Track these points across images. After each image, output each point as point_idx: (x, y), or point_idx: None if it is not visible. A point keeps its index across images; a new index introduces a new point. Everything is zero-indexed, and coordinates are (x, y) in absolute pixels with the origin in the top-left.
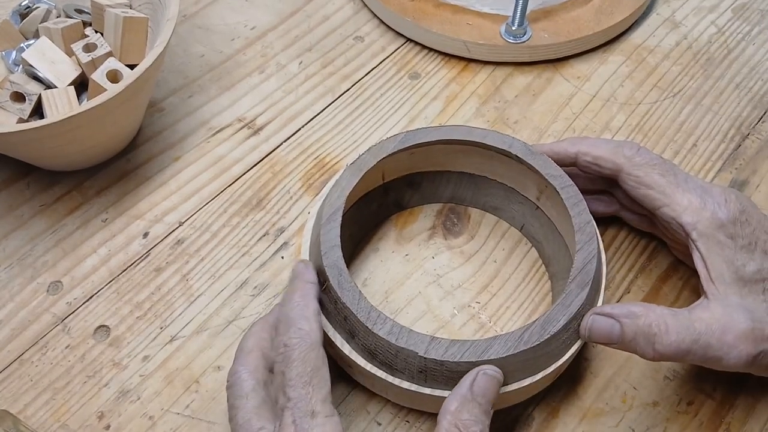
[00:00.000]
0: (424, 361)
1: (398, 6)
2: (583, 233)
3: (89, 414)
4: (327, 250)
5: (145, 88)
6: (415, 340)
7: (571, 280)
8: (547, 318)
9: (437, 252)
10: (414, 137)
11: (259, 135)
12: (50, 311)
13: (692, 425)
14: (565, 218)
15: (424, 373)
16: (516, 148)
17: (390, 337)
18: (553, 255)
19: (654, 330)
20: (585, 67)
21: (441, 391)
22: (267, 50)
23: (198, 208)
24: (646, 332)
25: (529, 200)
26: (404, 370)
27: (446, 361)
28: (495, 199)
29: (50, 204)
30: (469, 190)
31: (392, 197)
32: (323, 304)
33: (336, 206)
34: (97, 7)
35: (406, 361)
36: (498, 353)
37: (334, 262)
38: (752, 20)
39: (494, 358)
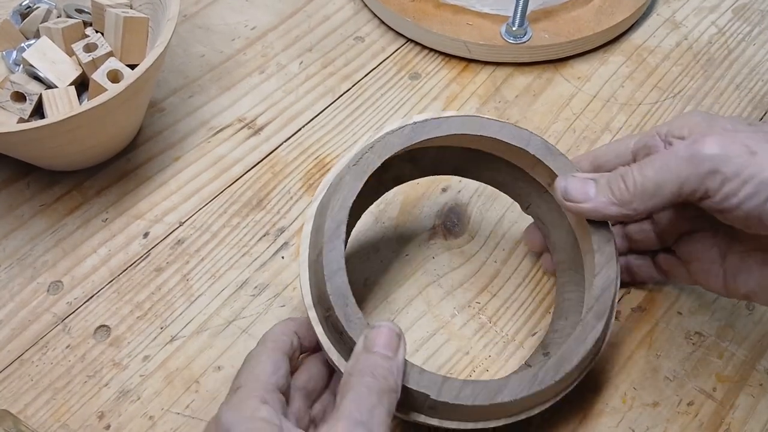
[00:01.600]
0: (435, 403)
1: (398, 6)
2: (603, 254)
3: (89, 414)
4: (331, 275)
5: (146, 88)
6: (426, 382)
7: (588, 310)
8: (561, 356)
9: (437, 252)
10: (422, 131)
11: (260, 135)
12: (50, 311)
13: (692, 425)
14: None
15: (435, 410)
16: (534, 147)
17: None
18: (559, 243)
19: (622, 171)
20: (585, 68)
21: (450, 422)
22: (267, 50)
23: (198, 208)
24: (614, 175)
25: (538, 182)
26: (413, 407)
27: (459, 405)
28: (501, 175)
29: (50, 204)
30: (474, 163)
31: (391, 173)
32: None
33: (338, 220)
34: (97, 7)
35: (417, 400)
36: (512, 395)
37: (339, 289)
38: (753, 21)
39: (507, 400)
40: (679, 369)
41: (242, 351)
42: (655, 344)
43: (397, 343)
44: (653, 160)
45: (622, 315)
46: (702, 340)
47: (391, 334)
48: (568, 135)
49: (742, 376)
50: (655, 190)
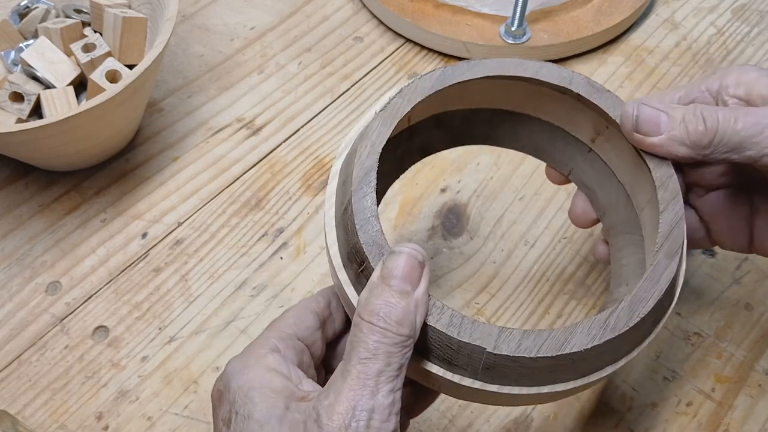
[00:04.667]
0: (493, 357)
1: (398, 6)
2: (667, 190)
3: (88, 414)
4: (362, 223)
5: (144, 88)
6: (481, 334)
7: (658, 249)
8: (635, 297)
9: (437, 252)
10: (453, 74)
11: (259, 135)
12: (49, 311)
13: (691, 426)
14: (630, 165)
15: (491, 370)
16: (577, 84)
17: (450, 330)
18: (609, 204)
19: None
20: (584, 68)
21: (510, 388)
22: (266, 50)
23: (197, 209)
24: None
25: (580, 141)
26: (467, 367)
27: (520, 357)
28: (538, 140)
29: (49, 204)
30: (507, 129)
31: (417, 142)
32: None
33: (367, 167)
34: (96, 7)
35: (470, 357)
36: (581, 344)
37: (373, 238)
38: (751, 21)
39: (577, 351)
40: (678, 369)
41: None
42: (654, 344)
43: (418, 273)
44: (745, 115)
45: None
46: (701, 341)
47: (413, 263)
48: None
49: (741, 376)
50: (736, 146)
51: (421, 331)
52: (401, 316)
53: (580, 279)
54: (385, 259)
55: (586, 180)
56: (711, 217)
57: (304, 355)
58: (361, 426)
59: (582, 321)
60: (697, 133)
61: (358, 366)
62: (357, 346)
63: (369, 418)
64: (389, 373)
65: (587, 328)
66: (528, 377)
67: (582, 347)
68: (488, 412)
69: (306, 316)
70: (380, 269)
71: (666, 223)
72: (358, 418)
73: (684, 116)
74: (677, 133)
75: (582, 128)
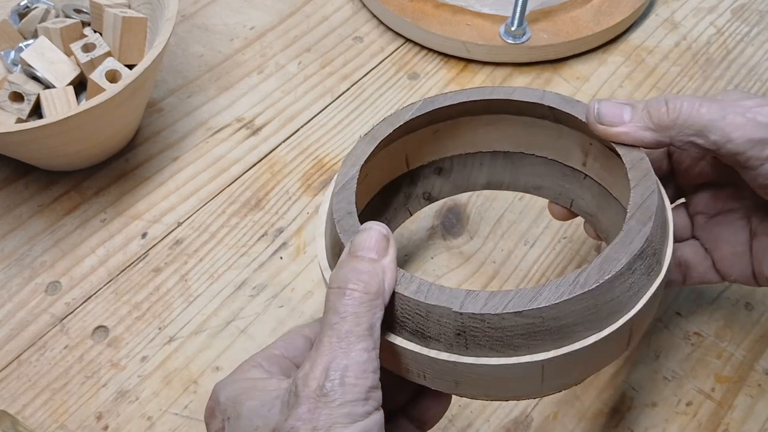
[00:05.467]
0: (461, 317)
1: (397, 6)
2: (637, 169)
3: (87, 414)
4: (341, 218)
5: (144, 88)
6: (447, 296)
7: (630, 217)
8: (605, 257)
9: (436, 252)
10: (433, 102)
11: (258, 135)
12: (48, 311)
13: (691, 426)
14: (617, 174)
15: (463, 336)
16: (549, 99)
17: (418, 296)
18: (610, 225)
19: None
20: (584, 68)
21: (486, 359)
22: (266, 50)
23: (197, 209)
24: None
25: (575, 170)
26: (439, 337)
27: (486, 315)
28: (536, 178)
29: (49, 204)
30: (506, 171)
31: (420, 188)
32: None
33: (350, 174)
34: (96, 7)
35: (440, 323)
36: (549, 299)
37: (351, 227)
38: (751, 21)
39: (545, 306)
40: (677, 369)
41: (241, 351)
42: (654, 344)
43: (384, 244)
44: (711, 102)
45: None
46: (701, 341)
47: (378, 236)
48: None
49: (741, 376)
50: (699, 130)
51: (391, 304)
52: (368, 278)
53: None
54: (352, 238)
55: (587, 208)
56: (713, 244)
57: (291, 371)
58: (335, 384)
59: (551, 281)
60: (659, 115)
61: (328, 332)
62: (327, 314)
63: (343, 375)
64: (359, 332)
65: (556, 285)
66: (501, 342)
67: (550, 302)
68: (488, 412)
69: (295, 338)
70: (348, 246)
71: (638, 194)
72: (332, 377)
73: (647, 104)
74: (640, 119)
75: (573, 154)
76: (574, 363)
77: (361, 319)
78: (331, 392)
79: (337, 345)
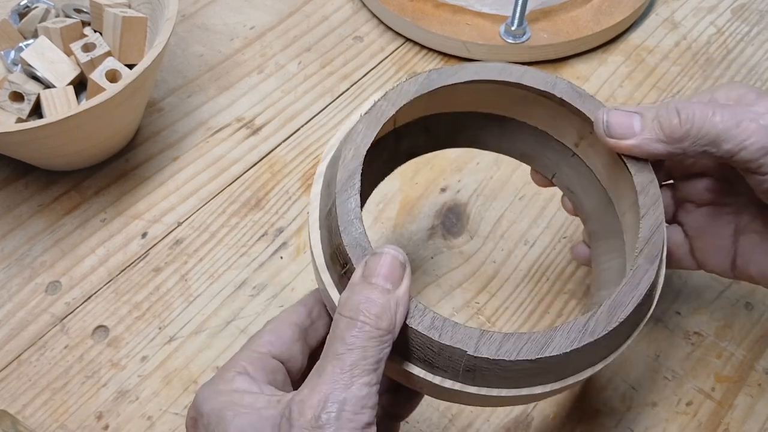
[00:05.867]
0: (474, 360)
1: (397, 6)
2: (647, 195)
3: (88, 414)
4: (346, 225)
5: (144, 88)
6: (462, 336)
7: (638, 254)
8: (614, 302)
9: (436, 252)
10: (439, 78)
11: (258, 135)
12: (49, 311)
13: (691, 425)
14: (612, 170)
15: (472, 372)
16: (560, 89)
17: (432, 333)
18: (592, 209)
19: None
20: (584, 68)
21: (489, 389)
22: (266, 50)
23: (197, 208)
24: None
25: (564, 146)
26: (447, 369)
27: (500, 360)
28: (523, 145)
29: (49, 204)
30: (493, 134)
31: (405, 145)
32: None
33: (352, 169)
34: (96, 7)
35: (451, 360)
36: (561, 348)
37: (356, 240)
38: (751, 21)
39: (556, 354)
40: (678, 369)
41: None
42: (654, 344)
43: (400, 273)
44: (723, 109)
45: None
46: (701, 340)
47: (395, 263)
48: None
49: (741, 376)
50: (713, 139)
51: (403, 333)
52: (380, 311)
53: (580, 278)
54: (367, 260)
55: (569, 184)
56: (696, 232)
57: (278, 374)
58: (331, 418)
59: (562, 325)
60: (671, 126)
61: (333, 361)
62: (334, 342)
63: (340, 409)
64: (364, 366)
65: (567, 331)
66: (508, 380)
67: (561, 351)
68: (488, 412)
69: (283, 330)
70: (362, 269)
71: (647, 227)
72: (329, 410)
73: (657, 113)
74: (651, 131)
75: (566, 133)
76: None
77: (368, 353)
78: (326, 425)
79: (339, 376)
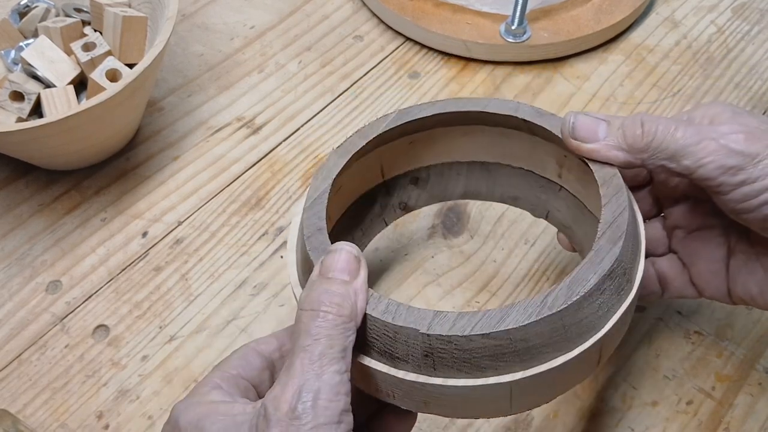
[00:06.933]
0: (428, 339)
1: (397, 5)
2: (609, 186)
3: (88, 413)
4: (310, 234)
5: (144, 88)
6: (415, 317)
7: (600, 236)
8: (574, 278)
9: (436, 251)
10: (407, 114)
11: (258, 134)
12: (49, 311)
13: (691, 424)
14: (591, 188)
15: (431, 357)
16: (523, 112)
17: (386, 317)
18: (585, 238)
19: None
20: (584, 67)
21: (454, 380)
22: (266, 49)
23: (197, 208)
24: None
25: (550, 182)
26: (407, 358)
27: (454, 337)
28: (513, 189)
29: (49, 203)
30: (483, 181)
31: (396, 198)
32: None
33: (321, 189)
34: (96, 6)
35: (407, 344)
36: (517, 321)
37: (322, 244)
38: (752, 19)
39: (513, 328)
40: (678, 368)
41: None
42: (655, 343)
43: (356, 266)
44: (686, 125)
45: None
46: (701, 340)
47: (349, 257)
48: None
49: (741, 375)
50: (672, 154)
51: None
52: (341, 300)
53: None
54: (322, 258)
55: (562, 219)
56: (691, 258)
57: (249, 393)
58: (307, 407)
59: (520, 301)
60: (634, 136)
61: (300, 354)
62: (299, 336)
63: (315, 398)
64: (332, 354)
65: (524, 306)
66: (469, 363)
67: (518, 324)
68: None
69: (251, 357)
70: (319, 267)
71: (609, 212)
72: (304, 399)
73: (623, 122)
74: (614, 138)
75: (548, 166)
76: (542, 383)
77: (335, 342)
78: (303, 414)
79: (309, 367)
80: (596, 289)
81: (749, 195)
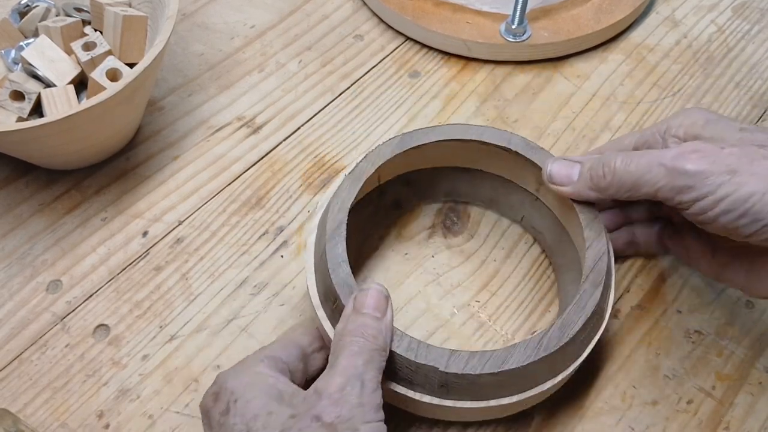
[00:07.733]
0: (445, 375)
1: (398, 4)
2: (592, 229)
3: (89, 413)
4: (334, 267)
5: (145, 87)
6: (434, 356)
7: (584, 280)
8: (564, 321)
9: (437, 251)
10: (411, 140)
11: (259, 134)
12: (49, 310)
13: (692, 424)
14: (568, 211)
15: (446, 387)
16: (515, 144)
17: (409, 354)
18: (555, 246)
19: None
20: (585, 66)
21: (462, 402)
22: (266, 49)
23: (197, 207)
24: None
25: (527, 191)
26: (424, 385)
27: (467, 374)
28: (492, 192)
29: (49, 203)
30: (465, 184)
31: (389, 198)
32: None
33: (339, 220)
34: (96, 6)
35: (426, 377)
36: (519, 362)
37: (344, 280)
38: (752, 19)
39: (514, 368)
40: (678, 367)
41: (241, 350)
42: (655, 342)
43: (385, 304)
44: (639, 157)
45: (621, 313)
46: (701, 339)
47: (380, 297)
48: (567, 133)
49: (742, 374)
50: (631, 186)
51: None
52: (375, 332)
53: None
54: (356, 295)
55: (535, 224)
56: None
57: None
58: (355, 392)
59: (520, 342)
60: (598, 178)
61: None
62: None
63: (361, 387)
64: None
65: (524, 348)
66: (477, 392)
67: (519, 364)
68: None
69: (291, 346)
70: (352, 304)
71: (591, 258)
72: (352, 384)
73: (592, 164)
74: (584, 180)
75: (527, 180)
76: (532, 401)
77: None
78: (351, 393)
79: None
80: (582, 329)
81: (705, 208)
